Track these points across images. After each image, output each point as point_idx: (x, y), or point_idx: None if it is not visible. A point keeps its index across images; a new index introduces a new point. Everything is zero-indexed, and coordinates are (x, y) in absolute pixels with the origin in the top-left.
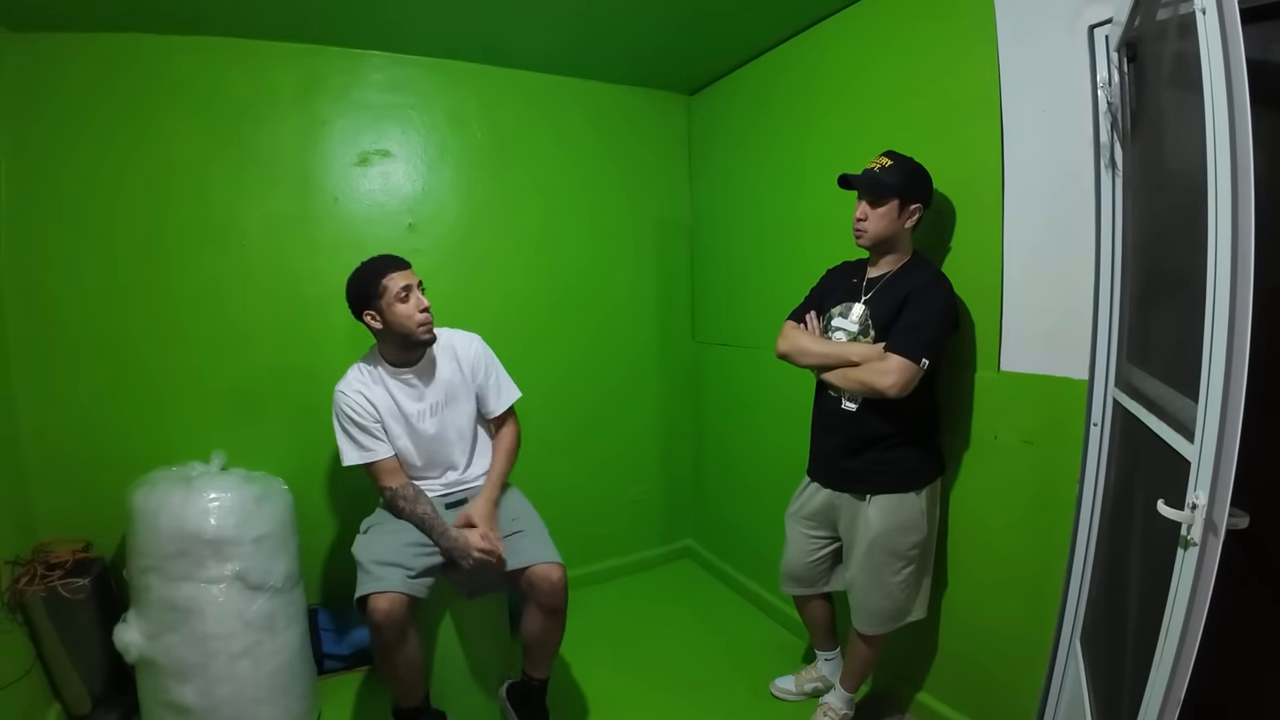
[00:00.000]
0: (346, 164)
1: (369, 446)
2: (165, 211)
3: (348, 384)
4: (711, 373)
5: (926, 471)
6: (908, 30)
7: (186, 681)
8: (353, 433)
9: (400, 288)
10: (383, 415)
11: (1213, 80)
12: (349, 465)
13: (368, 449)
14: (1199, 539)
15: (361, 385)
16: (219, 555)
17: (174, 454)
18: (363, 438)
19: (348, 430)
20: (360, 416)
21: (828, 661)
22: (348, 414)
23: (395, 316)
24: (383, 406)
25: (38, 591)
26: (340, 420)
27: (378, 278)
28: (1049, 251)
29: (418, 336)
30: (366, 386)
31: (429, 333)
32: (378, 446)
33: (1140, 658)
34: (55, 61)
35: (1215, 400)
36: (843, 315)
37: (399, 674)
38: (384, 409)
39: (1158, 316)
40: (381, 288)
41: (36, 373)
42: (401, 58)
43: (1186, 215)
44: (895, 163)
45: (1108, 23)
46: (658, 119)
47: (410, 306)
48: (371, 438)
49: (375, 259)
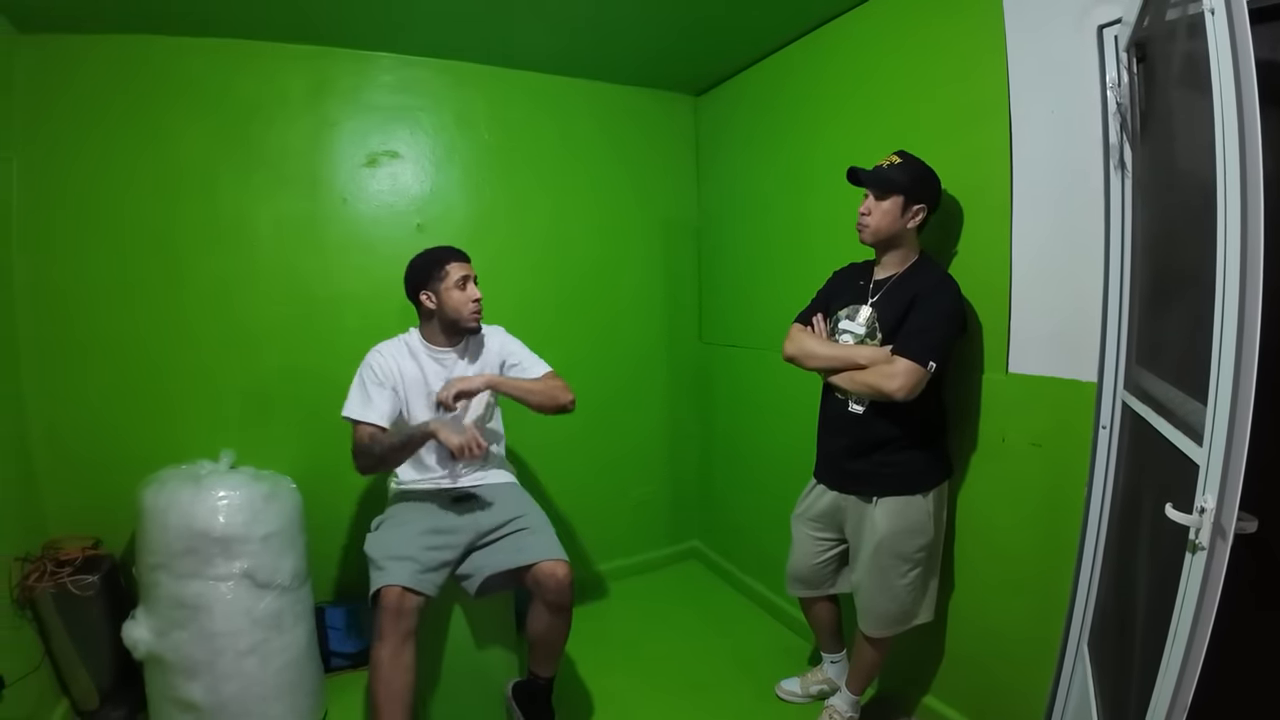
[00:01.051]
0: (355, 165)
1: (375, 404)
2: (175, 212)
3: (386, 347)
4: (718, 374)
5: (934, 474)
6: (916, 31)
7: (194, 678)
8: (369, 387)
9: (460, 276)
10: (408, 388)
11: (1221, 81)
12: (346, 416)
13: (372, 406)
14: (1207, 543)
15: (397, 354)
16: (227, 553)
17: (183, 452)
18: (376, 394)
19: (365, 383)
20: (383, 378)
21: (834, 664)
22: (375, 370)
23: (450, 300)
24: (411, 380)
25: (47, 588)
26: (364, 372)
27: (442, 263)
28: (1057, 253)
29: (466, 323)
30: (403, 356)
31: (477, 321)
32: (381, 408)
33: (1148, 661)
34: (65, 62)
35: (1224, 403)
36: (849, 318)
37: (385, 679)
38: (412, 382)
39: (1167, 319)
40: (444, 272)
41: (46, 371)
42: (410, 59)
43: (1196, 216)
44: (904, 161)
45: (1117, 23)
46: (665, 120)
47: (466, 295)
48: (381, 398)
49: (438, 248)
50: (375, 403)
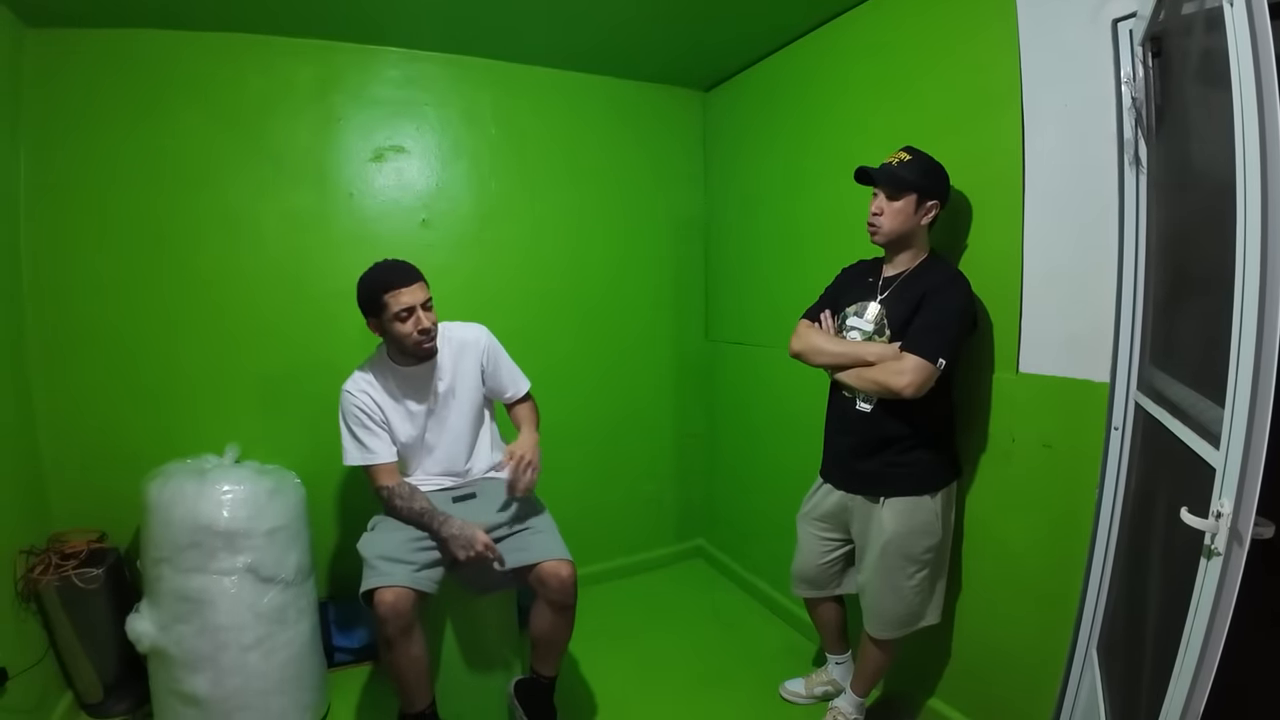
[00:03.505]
0: (362, 160)
1: (371, 448)
2: (182, 205)
3: (354, 384)
4: (725, 371)
5: (942, 474)
6: (928, 24)
7: (198, 672)
8: (357, 432)
9: (401, 308)
10: (387, 412)
11: (1241, 76)
12: (349, 465)
13: (370, 450)
14: (1223, 548)
15: (367, 384)
16: (231, 547)
17: (188, 446)
18: (366, 437)
19: (352, 430)
20: (365, 417)
21: (839, 665)
22: (354, 414)
23: (394, 333)
24: (387, 403)
25: (52, 581)
26: (345, 419)
27: (381, 293)
28: (1070, 250)
29: (416, 354)
30: (371, 385)
31: (427, 352)
32: (379, 448)
33: (1159, 668)
34: (73, 56)
35: (1242, 406)
36: (858, 314)
37: (404, 674)
38: (389, 405)
39: (1182, 318)
40: (383, 304)
41: (53, 364)
42: (416, 54)
43: (1214, 214)
44: (914, 158)
45: (1132, 16)
46: (673, 115)
47: (409, 327)
48: (374, 438)
49: (382, 268)
50: (373, 440)
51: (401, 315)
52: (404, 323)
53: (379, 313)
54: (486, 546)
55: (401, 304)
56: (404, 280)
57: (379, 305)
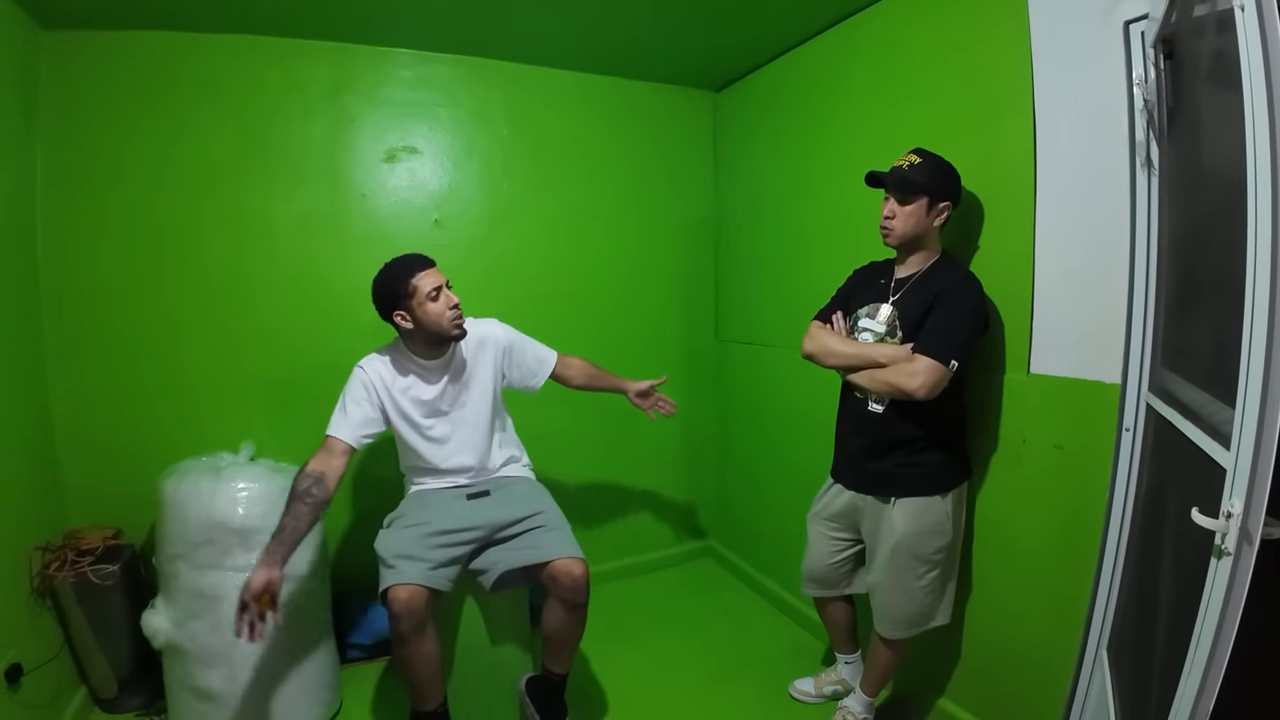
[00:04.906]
0: (374, 160)
1: (345, 423)
2: (196, 206)
3: (371, 364)
4: (735, 371)
5: (953, 475)
6: (939, 25)
7: (212, 667)
8: (349, 406)
9: (431, 287)
10: (398, 399)
11: (1252, 78)
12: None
13: (340, 424)
14: (1233, 548)
15: (385, 370)
16: (246, 544)
17: (203, 444)
18: (350, 409)
19: (345, 402)
20: (362, 392)
21: (848, 665)
22: (354, 387)
23: (427, 315)
24: (405, 396)
25: (68, 577)
26: (347, 391)
27: (408, 278)
28: (1082, 251)
29: (450, 333)
30: (390, 374)
31: (460, 328)
32: (343, 425)
33: (1169, 669)
34: (88, 58)
35: (1253, 407)
36: (870, 316)
37: (416, 671)
38: (406, 398)
39: (1194, 319)
40: (412, 288)
41: (69, 362)
42: (429, 55)
43: (1225, 215)
44: (924, 160)
45: (1143, 18)
46: (684, 115)
47: (441, 305)
48: (351, 413)
49: (400, 259)
50: (354, 418)
51: (433, 294)
52: (435, 301)
53: (407, 300)
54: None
55: (431, 283)
56: (425, 264)
57: (407, 291)
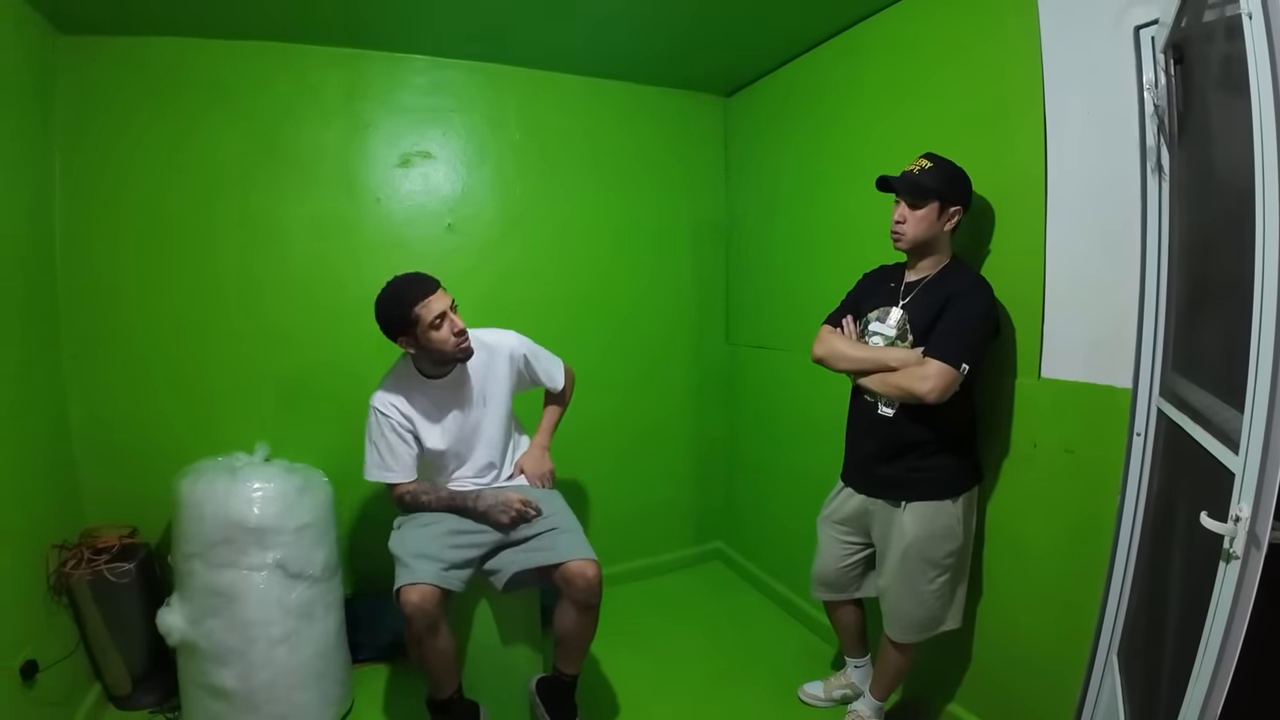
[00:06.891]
0: (388, 165)
1: (391, 466)
2: (212, 210)
3: (381, 400)
4: (745, 375)
5: (964, 479)
6: (949, 30)
7: (226, 665)
8: (380, 447)
9: (434, 315)
10: (417, 426)
11: (1260, 85)
12: (371, 478)
13: (390, 469)
14: (1241, 552)
15: (395, 398)
16: (261, 543)
17: (219, 444)
18: (387, 454)
19: (376, 444)
20: (392, 432)
21: (858, 669)
22: (378, 429)
23: (431, 343)
24: (418, 415)
25: (84, 575)
26: (370, 434)
27: (410, 306)
28: (1093, 256)
29: (456, 358)
30: (401, 398)
31: (466, 352)
32: (398, 468)
33: (1178, 672)
34: (105, 64)
35: (1261, 411)
36: (880, 320)
37: (431, 665)
38: (419, 417)
39: (1204, 324)
40: (415, 317)
41: (86, 362)
42: (442, 61)
43: (1234, 221)
44: (935, 164)
45: (1154, 24)
46: (694, 120)
47: (445, 332)
48: (394, 457)
49: (402, 283)
50: (397, 457)
51: (436, 323)
52: (439, 330)
53: (411, 327)
54: (523, 503)
55: (434, 311)
56: (428, 289)
57: (410, 320)
